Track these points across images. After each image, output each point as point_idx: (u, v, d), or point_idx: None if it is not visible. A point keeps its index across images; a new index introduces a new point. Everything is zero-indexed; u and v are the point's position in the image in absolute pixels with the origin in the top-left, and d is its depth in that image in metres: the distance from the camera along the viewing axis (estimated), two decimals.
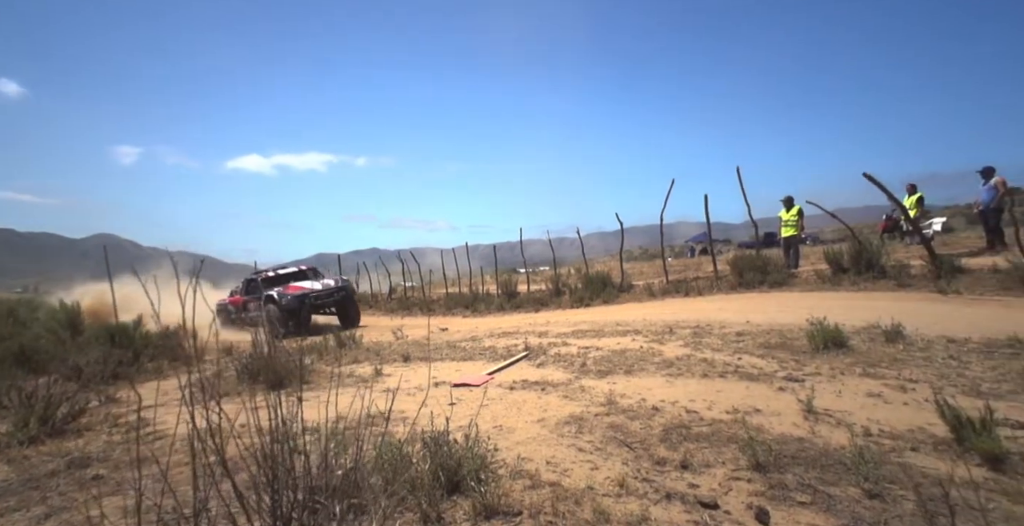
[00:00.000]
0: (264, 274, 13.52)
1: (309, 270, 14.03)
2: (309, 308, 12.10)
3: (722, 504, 1.93)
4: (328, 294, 12.42)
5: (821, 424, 2.68)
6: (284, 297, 11.88)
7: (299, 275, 13.55)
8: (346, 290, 12.99)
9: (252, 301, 13.07)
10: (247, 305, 13.24)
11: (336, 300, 12.62)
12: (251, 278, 13.74)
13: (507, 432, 2.73)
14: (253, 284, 13.41)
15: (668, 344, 4.75)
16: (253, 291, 13.26)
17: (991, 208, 9.29)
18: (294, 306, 11.77)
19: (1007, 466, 2.11)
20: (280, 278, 13.30)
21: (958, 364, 3.54)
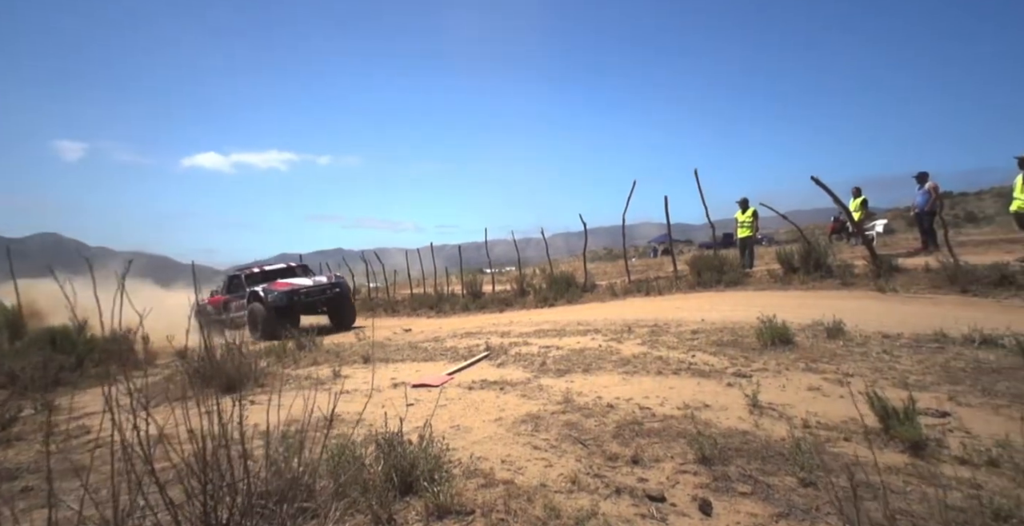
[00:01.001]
0: (249, 271, 12.40)
1: (298, 267, 12.95)
2: (300, 306, 10.99)
3: (669, 497, 2.01)
4: (321, 291, 11.28)
5: (765, 417, 2.81)
6: (271, 294, 10.76)
7: (287, 272, 12.47)
8: (341, 287, 11.82)
9: (235, 300, 11.97)
10: (229, 305, 12.17)
11: (329, 298, 11.48)
12: (234, 275, 12.60)
13: (464, 432, 2.75)
14: (236, 281, 12.30)
15: (626, 343, 4.86)
16: (236, 289, 12.14)
17: (925, 211, 9.91)
18: (282, 304, 10.65)
19: (926, 452, 2.27)
20: (267, 275, 12.21)
21: (890, 358, 3.77)
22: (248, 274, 12.22)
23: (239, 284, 12.12)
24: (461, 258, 16.32)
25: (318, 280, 11.84)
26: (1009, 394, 2.90)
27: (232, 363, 4.14)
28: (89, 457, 2.62)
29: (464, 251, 16.61)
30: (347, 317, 12.08)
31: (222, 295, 12.65)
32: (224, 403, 3.26)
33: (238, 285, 12.15)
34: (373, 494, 1.75)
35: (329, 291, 11.48)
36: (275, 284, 11.22)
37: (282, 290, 10.87)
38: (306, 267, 13.14)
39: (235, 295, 12.02)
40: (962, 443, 2.33)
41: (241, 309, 11.50)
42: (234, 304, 11.99)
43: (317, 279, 11.94)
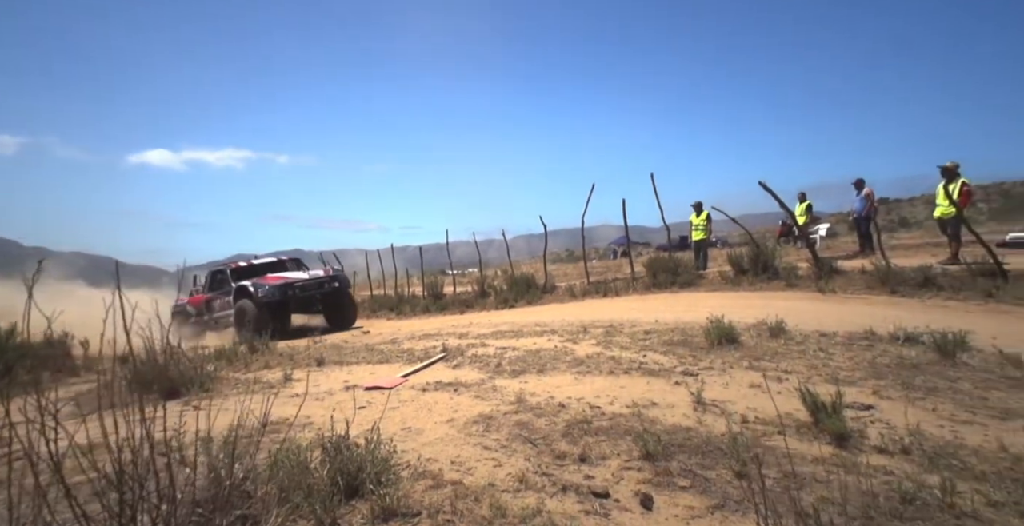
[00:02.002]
0: (235, 265, 11.18)
1: (290, 261, 11.72)
2: (294, 302, 9.92)
3: (613, 493, 2.08)
4: (317, 284, 10.15)
5: (708, 414, 2.93)
6: (261, 288, 9.60)
7: (277, 266, 11.27)
8: (340, 281, 10.61)
9: (219, 298, 10.80)
10: (212, 303, 11.03)
11: (327, 292, 10.33)
12: (217, 270, 11.37)
13: (415, 434, 2.75)
14: (220, 277, 11.08)
15: (581, 343, 4.96)
16: (220, 286, 10.93)
17: (862, 216, 10.53)
18: (275, 299, 9.50)
19: (849, 443, 2.43)
20: (255, 269, 11.00)
21: (825, 355, 4.00)
22: (234, 268, 11.01)
23: (223, 280, 10.91)
24: (422, 259, 16.18)
25: (314, 273, 10.73)
26: (925, 387, 3.14)
27: (176, 367, 3.99)
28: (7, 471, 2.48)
29: (426, 252, 16.47)
30: (347, 314, 10.86)
31: (203, 293, 11.50)
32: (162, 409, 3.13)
33: (222, 281, 10.95)
34: (317, 498, 1.73)
35: (327, 285, 10.35)
36: (265, 278, 10.13)
37: (274, 284, 9.74)
38: (299, 261, 11.91)
39: (219, 292, 10.91)
40: (881, 434, 2.50)
41: (227, 307, 10.44)
42: (218, 302, 10.87)
43: (313, 272, 10.89)
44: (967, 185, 8.29)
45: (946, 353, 3.66)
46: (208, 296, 11.24)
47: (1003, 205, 37.80)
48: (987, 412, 2.71)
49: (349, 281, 11.61)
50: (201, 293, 11.64)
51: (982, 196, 40.31)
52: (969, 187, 8.39)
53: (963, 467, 2.13)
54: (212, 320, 11.00)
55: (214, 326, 10.93)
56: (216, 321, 10.90)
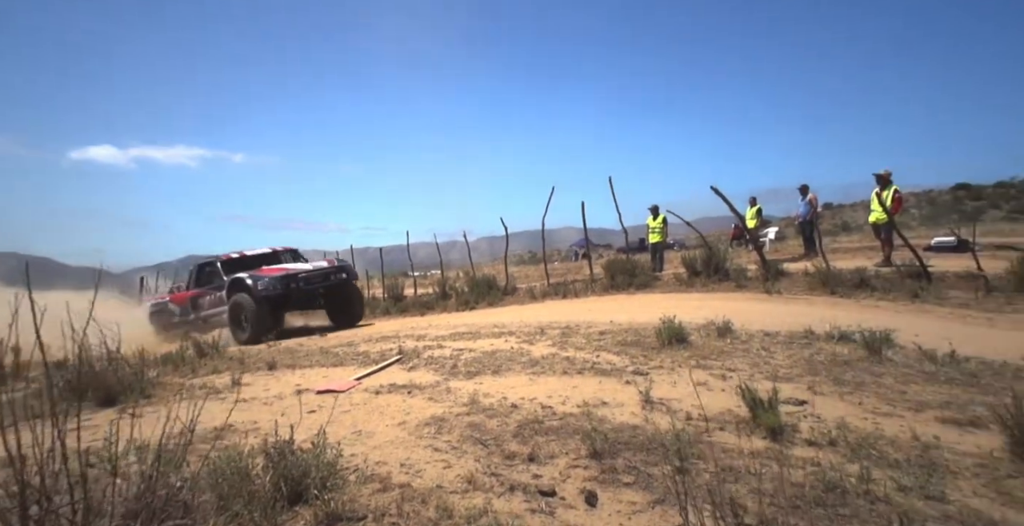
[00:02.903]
0: (226, 257, 10.14)
1: (285, 252, 10.62)
2: (297, 296, 8.99)
3: (559, 491, 2.13)
4: (322, 276, 9.24)
5: (655, 412, 3.03)
6: (260, 281, 8.68)
7: (272, 258, 10.28)
8: (347, 272, 9.69)
9: (207, 294, 9.83)
10: (199, 301, 10.05)
11: (333, 285, 9.42)
12: (205, 263, 10.32)
13: (366, 437, 2.73)
14: (209, 271, 10.09)
15: (537, 344, 5.02)
16: (209, 280, 9.96)
17: (806, 220, 11.09)
18: (277, 293, 8.61)
19: (783, 437, 2.57)
20: (248, 261, 10.01)
21: (767, 354, 4.20)
22: (225, 260, 9.99)
23: (213, 273, 9.91)
24: (383, 261, 15.96)
25: (317, 264, 9.72)
26: (853, 383, 3.34)
27: (114, 373, 3.80)
28: None
29: (387, 254, 16.26)
30: (355, 310, 9.95)
31: (189, 290, 10.44)
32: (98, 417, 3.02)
33: (212, 275, 9.94)
34: (257, 506, 1.71)
35: (333, 277, 9.40)
36: (264, 270, 9.22)
37: (275, 276, 8.82)
38: (296, 252, 10.81)
39: (208, 288, 9.92)
40: (811, 427, 2.66)
41: (217, 304, 9.53)
42: (207, 299, 9.88)
43: (315, 263, 9.88)
44: (898, 192, 8.88)
45: (874, 350, 3.91)
46: (194, 292, 10.19)
47: (931, 212, 40.51)
48: (904, 404, 2.92)
49: (356, 273, 10.57)
50: (185, 290, 10.59)
51: (913, 203, 43.04)
52: (900, 194, 8.98)
53: (880, 456, 2.29)
54: (200, 319, 10.01)
55: (202, 326, 9.93)
56: (205, 320, 9.94)
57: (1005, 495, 1.93)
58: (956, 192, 48.65)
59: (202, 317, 9.98)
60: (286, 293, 8.79)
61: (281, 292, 8.73)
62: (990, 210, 42.38)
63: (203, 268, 10.38)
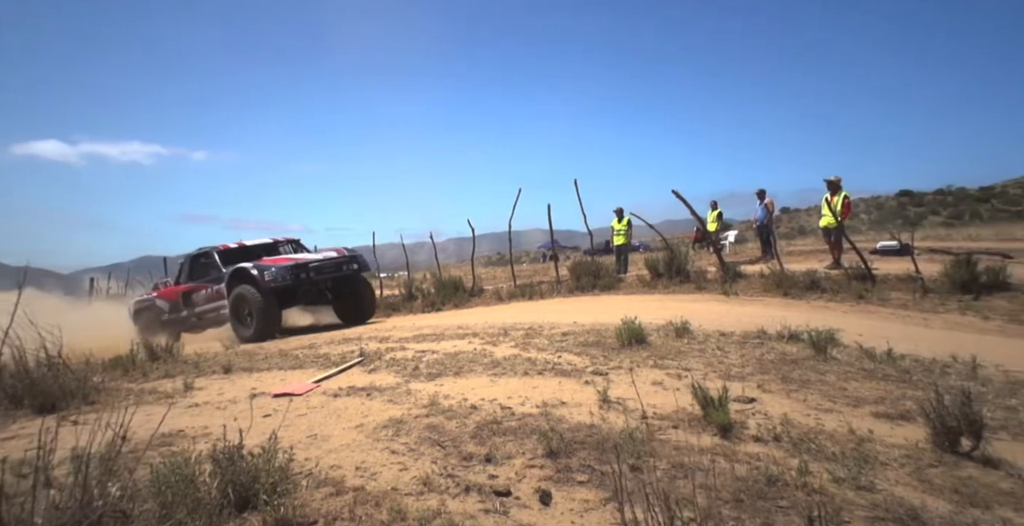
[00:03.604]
0: (223, 247, 9.25)
1: (288, 242, 9.75)
2: (305, 289, 8.27)
3: (514, 491, 2.15)
4: (334, 266, 8.49)
5: (612, 412, 3.10)
6: (267, 271, 7.89)
7: (271, 249, 9.45)
8: (360, 263, 8.96)
9: (203, 288, 8.96)
10: (193, 296, 9.18)
11: (345, 276, 8.67)
12: (200, 253, 9.39)
13: (321, 440, 2.69)
14: (205, 262, 9.19)
15: (500, 345, 5.05)
16: (204, 273, 9.08)
17: (763, 224, 11.51)
18: (286, 284, 7.88)
19: (732, 433, 2.67)
20: (249, 251, 9.14)
21: (722, 354, 4.34)
22: (223, 250, 9.13)
23: (209, 265, 9.04)
24: None
25: (327, 254, 8.89)
26: (800, 380, 3.50)
27: (55, 379, 3.62)
28: None
29: None
30: (365, 306, 9.23)
31: (180, 284, 9.54)
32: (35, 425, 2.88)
33: (207, 266, 9.06)
34: (203, 513, 1.67)
35: (346, 267, 8.65)
36: (270, 260, 8.39)
37: (284, 265, 8.01)
38: (298, 243, 9.88)
39: (203, 281, 9.07)
40: (758, 424, 2.77)
41: (215, 298, 8.73)
42: (203, 293, 9.03)
43: (324, 253, 9.05)
44: (848, 198, 9.32)
45: (819, 349, 4.10)
46: (187, 287, 9.33)
47: (879, 216, 42.70)
48: (844, 400, 3.08)
49: (369, 264, 9.67)
50: (175, 284, 9.74)
51: (863, 208, 45.23)
52: (850, 200, 9.43)
53: (819, 450, 2.41)
54: (194, 316, 9.21)
55: (196, 323, 9.25)
56: (200, 317, 9.16)
57: (926, 483, 2.07)
58: (900, 198, 51.55)
59: (196, 314, 9.18)
60: (295, 285, 8.03)
61: (292, 284, 7.95)
62: (930, 215, 45.06)
63: (196, 259, 9.50)
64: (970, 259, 6.55)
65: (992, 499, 1.93)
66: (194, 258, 9.54)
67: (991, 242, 11.88)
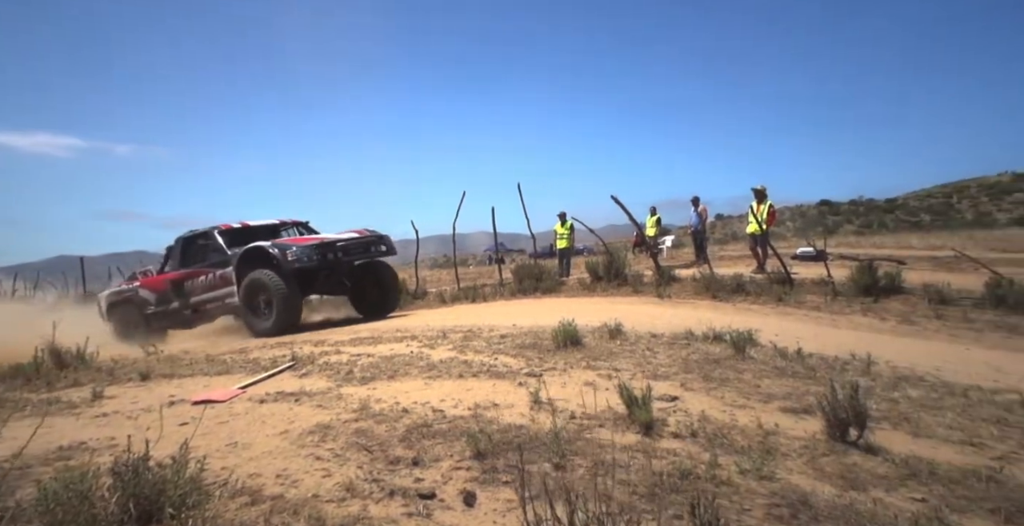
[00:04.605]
0: (225, 226, 8.04)
1: (294, 225, 8.59)
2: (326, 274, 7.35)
3: (439, 493, 2.16)
4: (362, 247, 7.48)
5: (542, 412, 3.16)
6: (290, 250, 6.80)
7: (274, 230, 8.28)
8: (387, 245, 7.90)
9: (202, 274, 7.75)
10: (188, 284, 7.92)
11: (373, 256, 7.71)
12: (193, 236, 8.15)
13: (242, 448, 2.59)
14: (203, 244, 7.95)
15: (438, 348, 5.03)
16: (202, 256, 7.90)
17: (698, 230, 12.11)
18: (311, 265, 6.85)
19: (653, 430, 2.80)
20: (250, 233, 7.95)
21: (651, 354, 4.53)
22: (225, 230, 7.95)
23: (209, 247, 7.85)
24: None
25: (350, 234, 7.77)
26: (719, 379, 3.72)
27: None
28: None
29: None
30: (389, 296, 8.20)
31: (170, 270, 8.30)
32: None
33: (207, 249, 7.88)
34: None
35: (374, 249, 7.63)
36: (289, 240, 7.37)
37: (308, 245, 6.97)
38: (307, 225, 8.76)
39: (202, 266, 7.88)
40: (678, 421, 2.92)
41: (217, 286, 7.58)
42: (200, 280, 7.80)
43: (346, 233, 7.88)
44: (773, 207, 9.97)
45: (739, 349, 4.37)
46: (179, 274, 8.10)
47: (802, 224, 46.01)
48: (757, 397, 3.31)
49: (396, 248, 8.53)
50: (160, 272, 8.52)
51: (789, 216, 48.53)
52: (775, 209, 10.09)
53: (730, 444, 2.58)
54: (188, 307, 8.06)
55: (190, 316, 8.11)
56: (196, 308, 8.01)
57: (818, 470, 2.27)
58: (820, 207, 55.89)
59: (193, 305, 8.01)
60: (324, 267, 7.04)
61: (319, 264, 6.92)
62: (845, 224, 49.14)
63: (191, 242, 8.23)
64: (871, 265, 7.19)
65: (869, 482, 2.15)
66: (187, 240, 8.29)
67: (892, 249, 13.06)
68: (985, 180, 56.37)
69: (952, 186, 57.80)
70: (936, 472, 2.22)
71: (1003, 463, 2.33)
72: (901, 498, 2.05)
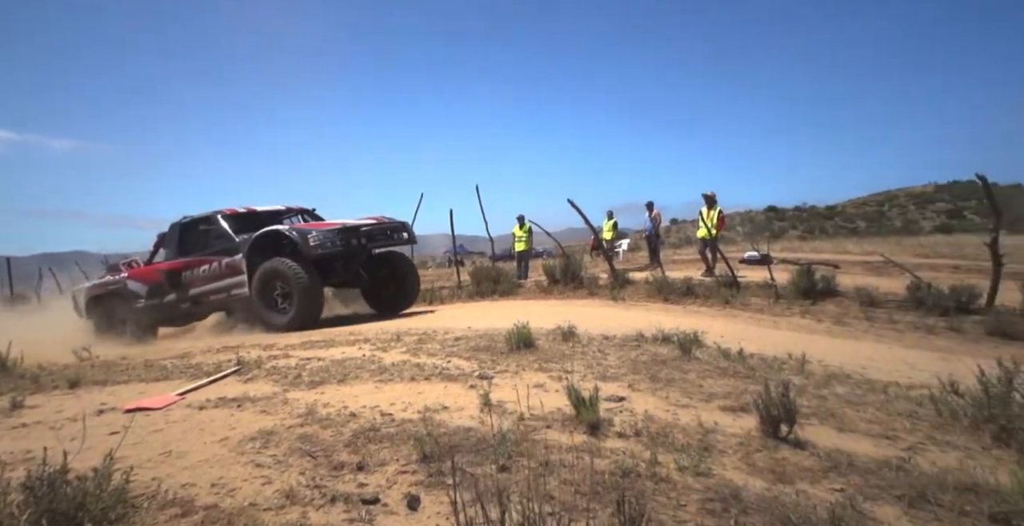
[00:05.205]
0: (230, 211, 7.37)
1: (299, 212, 8.04)
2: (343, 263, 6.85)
3: (383, 498, 2.14)
4: (384, 233, 7.07)
5: (492, 414, 3.18)
6: (311, 236, 6.32)
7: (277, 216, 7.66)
8: (409, 233, 7.53)
9: (207, 262, 7.06)
10: (187, 274, 7.24)
11: (396, 244, 7.38)
12: (193, 221, 7.43)
13: (177, 457, 2.48)
14: (203, 230, 7.25)
15: (391, 351, 4.97)
16: (203, 244, 7.25)
17: (652, 234, 12.46)
18: (336, 250, 6.38)
19: (600, 430, 2.87)
20: (257, 219, 7.35)
21: (602, 356, 4.63)
22: (230, 215, 7.29)
23: (213, 233, 7.18)
24: None
25: (368, 220, 7.27)
26: (665, 379, 3.84)
27: None
28: None
29: None
30: (409, 289, 7.79)
31: (165, 260, 7.65)
32: None
33: (210, 235, 7.23)
34: None
35: (396, 236, 7.20)
36: (306, 224, 6.89)
37: (331, 229, 6.51)
38: (313, 212, 8.17)
39: (205, 254, 7.22)
40: (623, 420, 3.00)
41: (223, 275, 6.96)
42: (203, 270, 7.12)
43: (365, 219, 7.34)
44: (723, 212, 10.38)
45: (686, 350, 4.52)
46: (176, 263, 7.41)
47: (751, 229, 48.22)
48: (700, 396, 3.44)
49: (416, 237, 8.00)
50: (156, 261, 7.82)
51: (739, 221, 50.71)
52: (724, 214, 10.51)
53: (671, 442, 2.67)
54: (187, 300, 7.35)
55: (190, 310, 7.45)
56: (197, 301, 7.32)
57: (751, 465, 2.38)
58: (768, 213, 58.79)
59: (193, 297, 7.33)
60: (346, 255, 6.62)
61: (344, 249, 6.47)
62: (790, 229, 51.86)
63: (191, 228, 7.50)
64: (810, 269, 7.60)
65: (796, 475, 2.27)
66: (186, 227, 7.59)
67: (830, 254, 13.84)
68: (912, 190, 60.90)
69: (884, 195, 62.22)
70: (854, 464, 2.38)
71: (911, 453, 2.52)
72: (823, 489, 2.18)
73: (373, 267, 7.75)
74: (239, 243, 6.97)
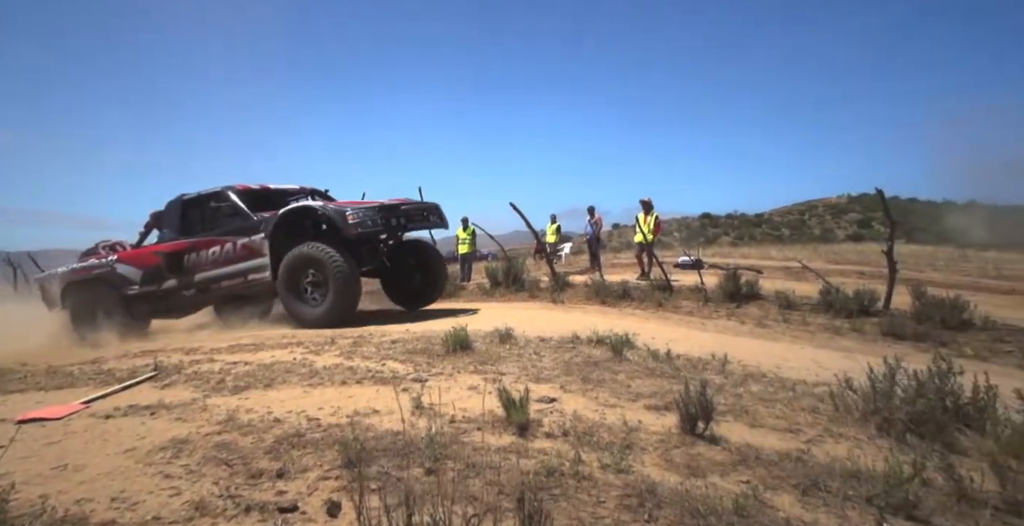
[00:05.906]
0: (243, 187, 6.60)
1: (313, 192, 7.35)
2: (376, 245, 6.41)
3: (302, 506, 2.08)
4: (423, 213, 6.63)
5: (423, 417, 3.15)
6: (349, 213, 5.76)
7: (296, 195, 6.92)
8: (440, 216, 7.07)
9: (218, 243, 6.29)
10: (191, 256, 6.42)
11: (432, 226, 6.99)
12: (199, 197, 6.62)
13: (73, 471, 2.30)
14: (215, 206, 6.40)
15: (324, 355, 4.82)
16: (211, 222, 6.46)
17: (593, 238, 12.79)
18: (376, 229, 5.89)
19: (528, 431, 2.91)
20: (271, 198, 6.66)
21: (537, 358, 4.70)
22: (243, 191, 6.55)
23: (224, 210, 6.38)
24: None
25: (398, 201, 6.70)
26: (596, 380, 3.95)
27: None
28: None
29: None
30: (437, 281, 7.31)
31: (161, 241, 6.79)
32: None
33: (220, 213, 6.42)
34: None
35: (432, 218, 6.78)
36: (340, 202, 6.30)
37: (369, 207, 5.98)
38: (326, 193, 7.54)
39: (216, 234, 6.43)
40: (553, 421, 3.07)
41: (242, 258, 6.23)
42: (212, 252, 6.33)
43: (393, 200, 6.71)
44: (659, 218, 10.80)
45: (617, 351, 4.68)
46: (178, 244, 6.57)
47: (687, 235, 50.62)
48: (627, 396, 3.56)
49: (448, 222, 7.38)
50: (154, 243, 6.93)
51: (676, 227, 53.02)
52: (661, 220, 10.94)
53: (597, 441, 2.76)
54: (192, 286, 6.56)
55: (193, 298, 6.67)
56: (204, 288, 6.53)
57: (669, 461, 2.51)
58: (702, 219, 61.99)
59: (198, 283, 6.52)
60: (388, 231, 6.14)
61: (383, 229, 5.98)
62: (723, 235, 54.91)
63: (197, 205, 6.64)
64: (736, 274, 8.06)
65: (708, 469, 2.41)
66: (189, 203, 6.71)
67: (755, 259, 14.74)
68: (828, 200, 66.14)
69: (805, 204, 67.18)
70: (761, 457, 2.56)
71: (810, 445, 2.74)
72: (731, 481, 2.33)
73: (399, 256, 7.24)
74: (259, 222, 6.28)
